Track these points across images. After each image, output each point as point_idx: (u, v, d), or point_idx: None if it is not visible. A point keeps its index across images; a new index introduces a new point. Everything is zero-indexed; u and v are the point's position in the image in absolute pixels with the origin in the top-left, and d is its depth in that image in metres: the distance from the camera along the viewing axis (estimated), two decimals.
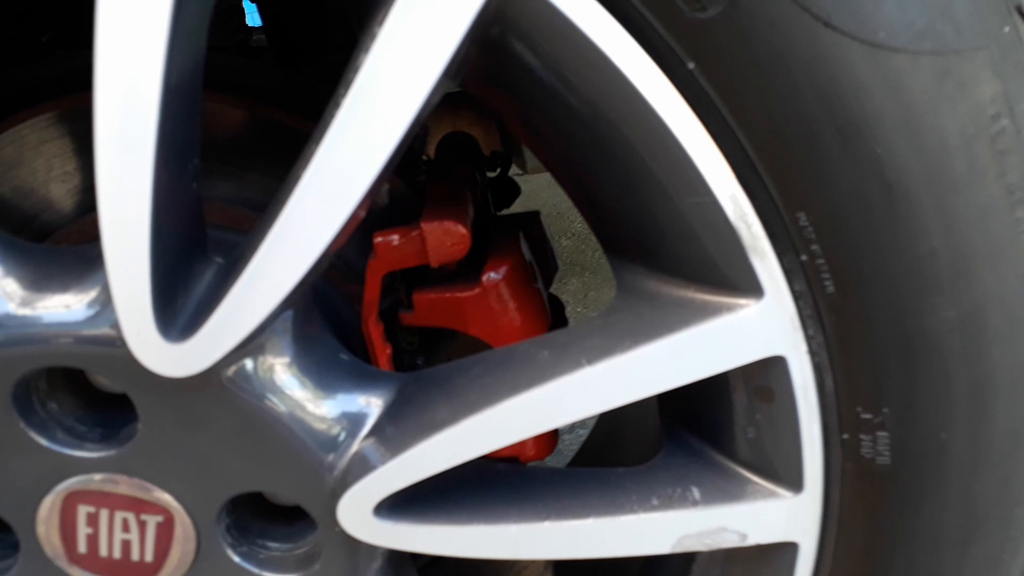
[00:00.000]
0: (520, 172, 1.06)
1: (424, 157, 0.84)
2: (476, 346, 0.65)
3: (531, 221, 0.74)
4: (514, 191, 0.86)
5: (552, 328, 0.66)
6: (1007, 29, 0.43)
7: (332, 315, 0.64)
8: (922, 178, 0.43)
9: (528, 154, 0.98)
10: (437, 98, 0.42)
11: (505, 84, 0.46)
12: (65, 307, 0.45)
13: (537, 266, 0.69)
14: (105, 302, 0.44)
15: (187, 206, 0.45)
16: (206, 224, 0.53)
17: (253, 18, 1.14)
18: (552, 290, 0.77)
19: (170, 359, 0.44)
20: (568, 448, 1.42)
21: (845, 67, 0.40)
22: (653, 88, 0.41)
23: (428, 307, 0.63)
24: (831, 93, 0.41)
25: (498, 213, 0.84)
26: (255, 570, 0.52)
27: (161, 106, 0.38)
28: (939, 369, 0.46)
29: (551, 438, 0.66)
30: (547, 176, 0.64)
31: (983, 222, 0.44)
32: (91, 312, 0.45)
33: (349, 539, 0.50)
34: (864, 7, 0.40)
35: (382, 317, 0.65)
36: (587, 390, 0.47)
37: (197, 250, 0.47)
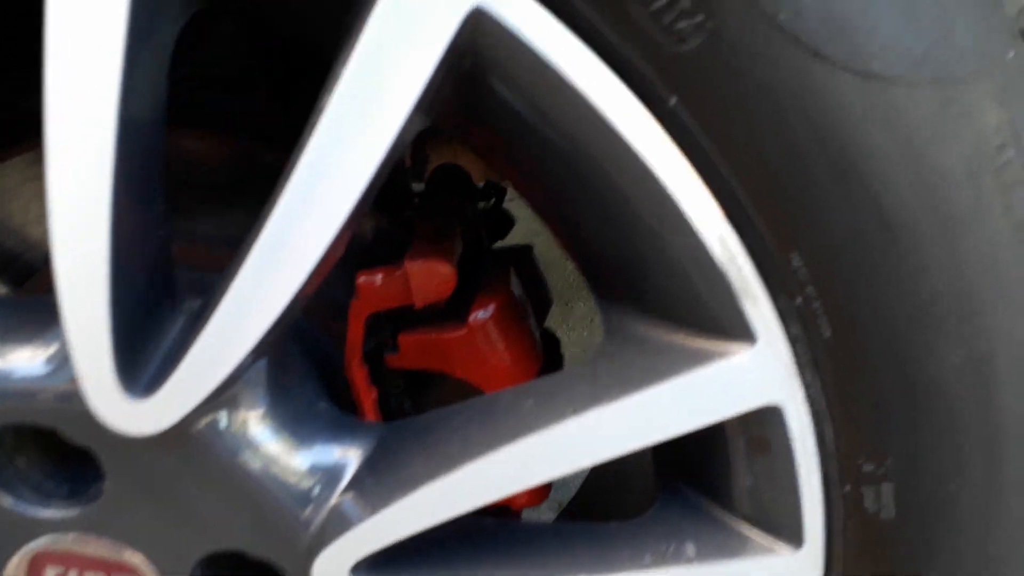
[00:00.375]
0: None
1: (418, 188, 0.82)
2: (466, 389, 0.63)
3: (523, 255, 0.71)
4: (508, 223, 0.84)
5: (545, 366, 0.64)
6: (1011, 54, 0.41)
7: (317, 358, 0.62)
8: (924, 215, 0.40)
9: None
10: (410, 136, 0.40)
11: (483, 121, 0.45)
12: (26, 361, 0.43)
13: (529, 302, 0.67)
14: (65, 356, 0.42)
15: (152, 253, 0.43)
16: (194, 268, 0.51)
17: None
18: (557, 314, 0.74)
19: (133, 416, 0.42)
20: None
21: (837, 99, 0.38)
22: (633, 124, 0.39)
23: (414, 349, 0.61)
24: (823, 127, 0.39)
25: (492, 246, 0.81)
26: None
27: (117, 150, 0.36)
28: (946, 417, 0.43)
29: (543, 487, 0.63)
30: None
31: (990, 261, 0.41)
32: (51, 367, 0.43)
33: None
34: (856, 35, 0.38)
35: (368, 359, 0.62)
36: (574, 443, 0.44)
37: (165, 299, 0.45)
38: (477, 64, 0.38)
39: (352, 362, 0.61)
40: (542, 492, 0.63)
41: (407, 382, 0.66)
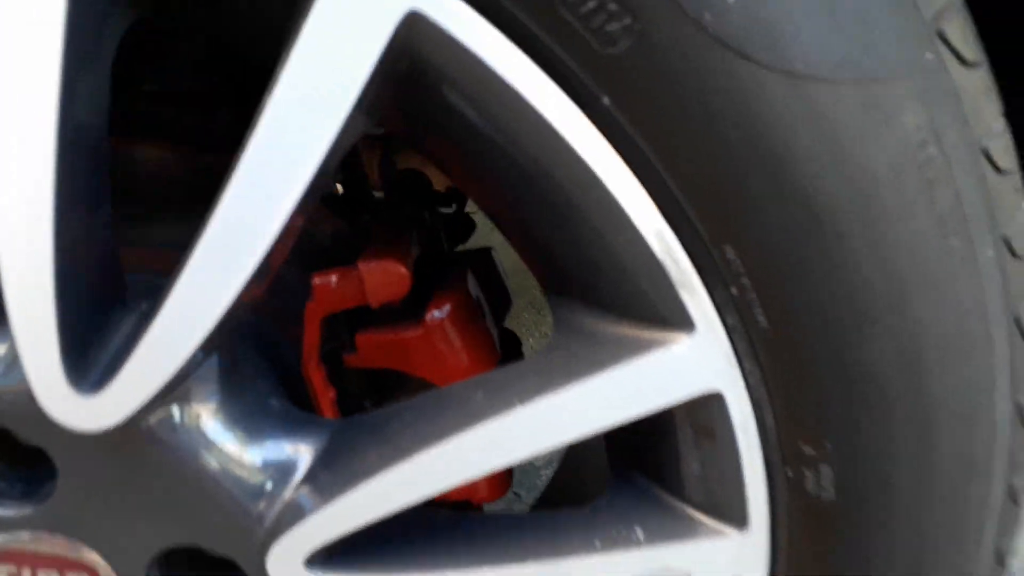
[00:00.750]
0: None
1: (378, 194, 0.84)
2: (426, 387, 0.64)
3: (482, 257, 0.73)
4: (469, 227, 0.85)
5: (505, 364, 0.65)
6: (930, 56, 0.43)
7: (275, 360, 0.62)
8: (851, 210, 0.42)
9: None
10: (351, 139, 0.41)
11: (428, 125, 0.46)
12: None
13: (487, 302, 0.68)
14: (14, 356, 0.42)
15: (98, 254, 0.44)
16: (149, 270, 0.52)
17: None
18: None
19: (83, 412, 0.42)
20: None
21: (764, 100, 0.40)
22: (570, 125, 0.40)
23: (372, 349, 0.62)
24: (751, 126, 0.40)
25: (453, 249, 0.83)
26: None
27: (58, 152, 0.37)
28: (879, 403, 0.45)
29: (503, 479, 0.64)
30: None
31: (916, 254, 0.43)
32: (1, 368, 0.43)
33: None
34: (780, 37, 0.39)
35: (327, 360, 0.63)
36: (521, 431, 0.45)
37: (115, 299, 0.46)
38: (416, 67, 0.40)
39: (309, 363, 0.62)
40: (501, 486, 0.64)
41: (368, 382, 0.67)
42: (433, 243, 0.72)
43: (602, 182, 0.41)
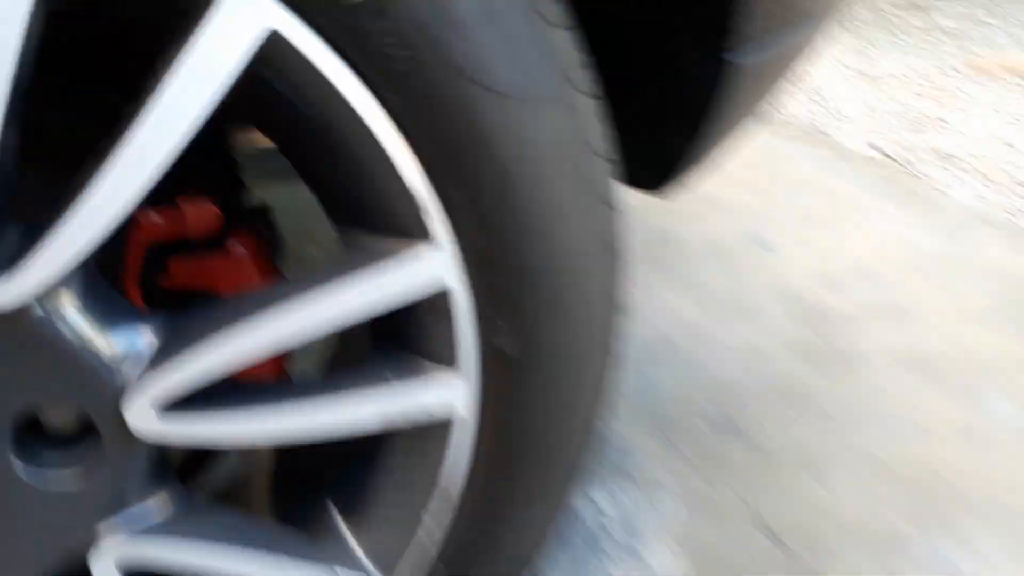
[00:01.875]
0: None
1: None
2: None
3: (266, 211, 0.93)
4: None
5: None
6: (578, 77, 0.73)
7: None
8: (532, 184, 0.69)
9: None
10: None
11: (260, 102, 0.66)
12: None
13: (269, 241, 0.89)
14: None
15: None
16: None
17: None
18: None
19: None
20: None
21: (486, 111, 0.66)
22: (364, 107, 0.63)
23: (183, 271, 0.79)
24: (470, 122, 0.66)
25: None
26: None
27: None
28: (551, 294, 0.73)
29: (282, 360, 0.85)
30: None
31: (568, 214, 0.72)
32: None
33: (130, 441, 0.65)
34: (494, 67, 0.66)
35: (143, 284, 0.80)
36: (305, 319, 0.67)
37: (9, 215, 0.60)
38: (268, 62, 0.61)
39: (130, 282, 0.78)
40: (281, 365, 0.85)
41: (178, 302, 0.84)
42: (235, 201, 0.91)
43: (381, 143, 0.65)
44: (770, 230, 2.52)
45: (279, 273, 0.83)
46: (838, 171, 2.99)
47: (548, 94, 0.68)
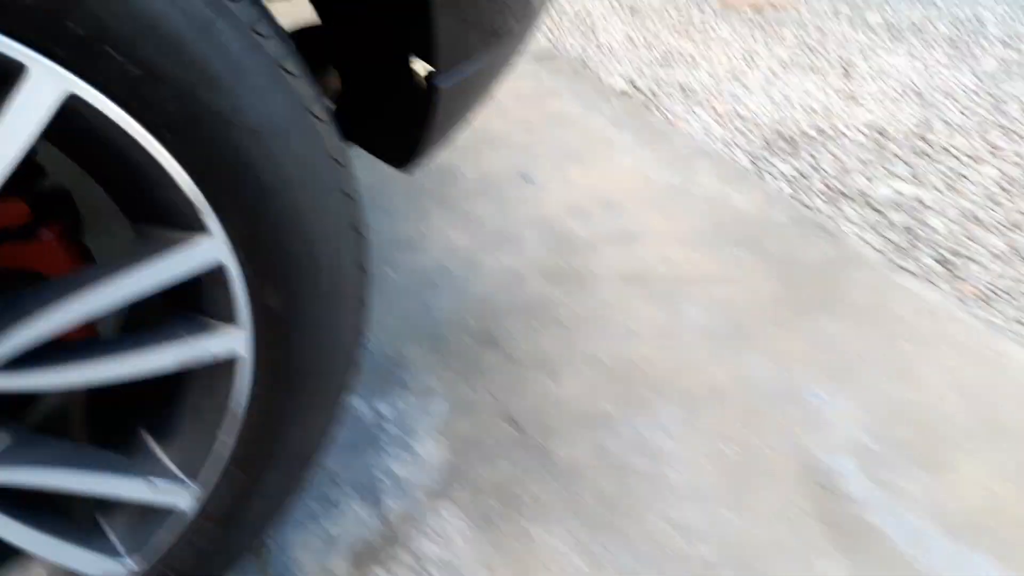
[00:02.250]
0: None
1: None
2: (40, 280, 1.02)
3: (67, 194, 1.11)
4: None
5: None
6: (308, 113, 0.99)
7: None
8: (276, 186, 0.96)
9: None
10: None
11: (69, 135, 0.86)
12: None
13: (72, 227, 1.08)
14: None
15: None
16: None
17: None
18: None
19: None
20: None
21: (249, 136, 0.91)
22: (142, 136, 0.86)
23: (6, 256, 0.98)
24: (235, 155, 0.91)
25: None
26: None
27: None
28: (308, 264, 1.01)
29: (92, 326, 1.07)
30: None
31: (319, 192, 0.99)
32: None
33: None
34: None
35: None
36: (103, 296, 0.90)
37: None
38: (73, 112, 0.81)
39: None
40: (92, 329, 1.07)
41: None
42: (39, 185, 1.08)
43: (164, 167, 0.88)
44: (535, 165, 2.90)
45: (86, 249, 1.04)
46: (598, 107, 3.41)
47: (290, 125, 0.94)
